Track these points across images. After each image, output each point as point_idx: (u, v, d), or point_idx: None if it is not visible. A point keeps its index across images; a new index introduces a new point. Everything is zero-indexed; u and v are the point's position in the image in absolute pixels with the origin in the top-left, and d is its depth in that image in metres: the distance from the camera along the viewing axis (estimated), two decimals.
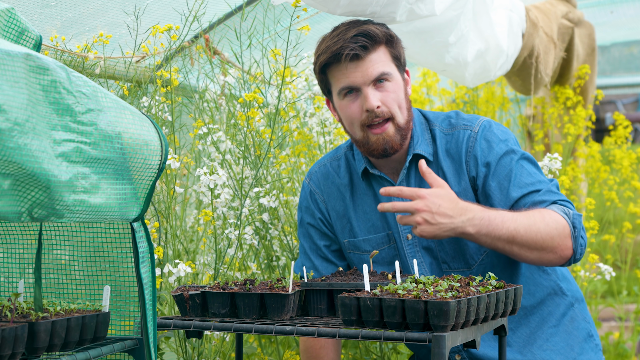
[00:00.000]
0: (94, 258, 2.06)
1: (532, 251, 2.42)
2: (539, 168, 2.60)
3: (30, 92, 1.49)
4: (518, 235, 2.39)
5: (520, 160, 2.57)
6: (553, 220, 2.43)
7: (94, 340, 1.90)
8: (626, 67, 8.86)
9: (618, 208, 5.71)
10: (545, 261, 2.47)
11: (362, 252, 2.68)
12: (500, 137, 2.59)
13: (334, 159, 2.77)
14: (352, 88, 2.52)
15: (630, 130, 5.44)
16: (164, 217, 2.95)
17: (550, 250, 2.43)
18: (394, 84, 2.54)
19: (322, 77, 2.60)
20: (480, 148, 2.57)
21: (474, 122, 2.63)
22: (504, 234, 2.38)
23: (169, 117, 3.01)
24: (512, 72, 4.62)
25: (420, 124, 2.65)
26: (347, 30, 2.53)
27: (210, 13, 3.25)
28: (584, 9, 5.61)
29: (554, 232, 2.42)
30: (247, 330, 2.14)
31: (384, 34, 2.53)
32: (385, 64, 2.53)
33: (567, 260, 2.47)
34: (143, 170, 1.81)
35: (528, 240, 2.40)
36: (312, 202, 2.76)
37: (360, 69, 2.50)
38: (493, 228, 2.37)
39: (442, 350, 1.87)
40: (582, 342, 2.70)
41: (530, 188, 2.52)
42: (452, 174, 2.58)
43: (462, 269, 2.59)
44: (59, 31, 3.05)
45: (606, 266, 3.98)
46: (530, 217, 2.42)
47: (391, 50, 2.55)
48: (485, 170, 2.56)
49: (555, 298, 2.69)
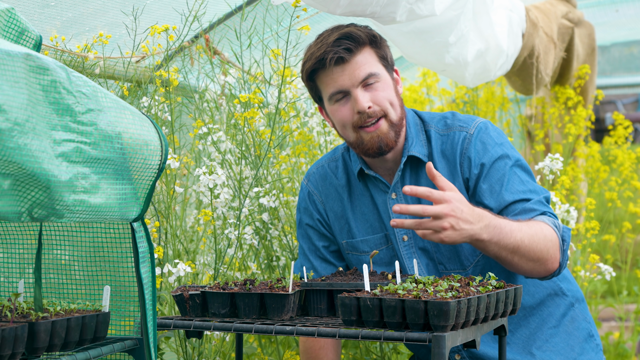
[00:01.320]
0: (94, 258, 2.06)
1: (529, 262, 2.41)
2: (531, 175, 2.59)
3: (30, 92, 1.49)
4: (522, 246, 2.37)
5: (514, 166, 2.55)
6: (549, 232, 2.43)
7: (94, 340, 1.90)
8: (626, 67, 8.86)
9: (618, 208, 5.71)
10: (535, 273, 2.46)
11: (360, 252, 2.69)
12: (496, 140, 2.58)
13: (331, 160, 2.77)
14: (341, 92, 2.52)
15: (630, 130, 5.44)
16: (164, 217, 2.95)
17: (544, 262, 2.43)
18: (383, 83, 2.53)
19: (311, 85, 2.60)
20: (475, 149, 2.56)
21: (470, 123, 2.62)
22: (511, 243, 2.36)
23: (169, 117, 3.01)
24: (512, 72, 4.62)
25: (415, 125, 2.64)
26: (329, 35, 2.52)
27: (210, 13, 3.25)
28: (584, 9, 5.61)
29: (549, 244, 2.42)
30: (247, 330, 2.14)
31: (367, 35, 2.52)
32: (372, 64, 2.52)
33: (551, 273, 2.47)
34: (143, 170, 1.81)
35: (529, 251, 2.38)
36: (310, 203, 2.76)
37: (346, 71, 2.49)
38: (502, 236, 2.35)
39: (442, 350, 1.87)
40: (583, 342, 2.70)
41: (522, 195, 2.51)
42: (447, 175, 2.58)
43: (457, 270, 2.59)
44: (59, 31, 3.05)
45: (606, 266, 3.97)
46: (532, 228, 2.41)
47: (377, 51, 2.54)
48: (477, 172, 2.55)
49: (555, 298, 2.69)
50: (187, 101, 3.37)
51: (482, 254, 2.56)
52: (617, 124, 5.42)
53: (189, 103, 3.37)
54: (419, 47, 3.38)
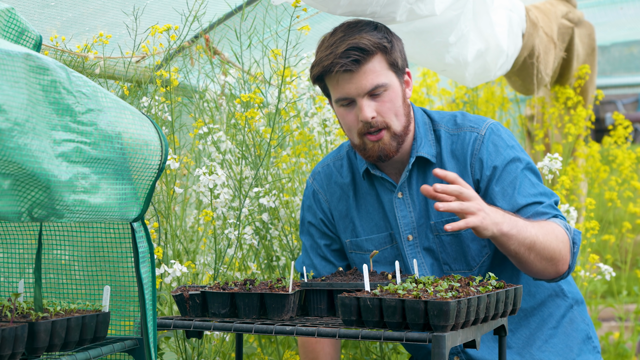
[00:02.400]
0: (94, 258, 2.06)
1: (543, 261, 2.43)
2: (540, 178, 2.61)
3: (30, 92, 1.49)
4: (538, 242, 2.39)
5: (525, 169, 2.57)
6: (560, 233, 2.46)
7: (94, 340, 1.90)
8: (626, 67, 8.86)
9: (618, 208, 5.71)
10: (546, 274, 2.48)
11: (364, 251, 2.69)
12: (508, 143, 2.60)
13: (337, 159, 2.77)
14: (347, 98, 2.52)
15: (630, 130, 5.44)
16: (163, 217, 2.95)
17: (556, 262, 2.46)
18: (391, 92, 2.51)
19: (321, 84, 2.59)
20: (487, 151, 2.57)
21: (480, 124, 2.62)
22: (528, 237, 2.38)
23: (169, 117, 3.00)
24: (512, 72, 4.62)
25: (424, 124, 2.64)
26: (340, 42, 2.49)
27: (210, 13, 3.25)
28: (584, 9, 5.61)
29: (561, 245, 2.45)
30: (247, 330, 2.14)
31: (377, 45, 2.49)
32: (380, 74, 2.49)
33: (560, 275, 2.50)
34: (143, 170, 1.81)
35: (544, 248, 2.41)
36: (314, 201, 2.76)
37: (353, 80, 2.48)
38: (520, 229, 2.37)
39: (442, 351, 1.87)
40: (581, 343, 2.70)
41: (534, 199, 2.53)
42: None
43: (463, 270, 2.59)
44: (59, 31, 3.05)
45: (606, 266, 3.97)
46: (544, 227, 2.44)
47: (387, 58, 2.51)
48: (489, 174, 2.55)
49: (556, 299, 2.69)
50: (188, 101, 3.37)
51: (488, 254, 2.57)
52: (617, 124, 5.42)
53: (189, 103, 3.37)
54: (419, 47, 3.38)
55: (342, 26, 2.56)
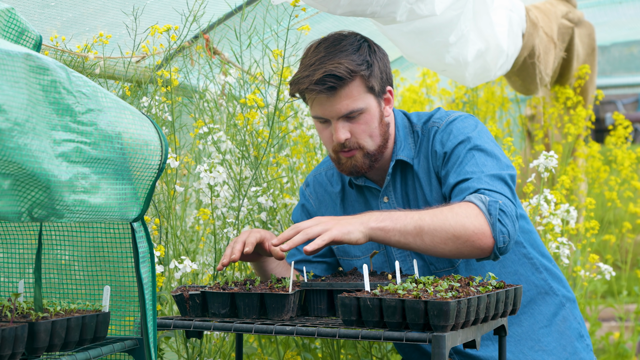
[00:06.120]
0: (94, 258, 2.06)
1: (447, 242, 2.31)
2: (496, 159, 2.49)
3: (30, 92, 1.49)
4: (425, 225, 2.29)
5: (473, 149, 2.49)
6: (462, 209, 2.33)
7: (94, 340, 1.90)
8: (626, 67, 8.87)
9: (618, 208, 5.71)
10: (466, 253, 2.35)
11: (351, 257, 2.71)
12: (462, 130, 2.54)
13: (328, 168, 2.81)
14: (322, 118, 2.53)
15: (630, 130, 5.44)
16: (164, 217, 2.95)
17: (466, 239, 2.31)
18: (367, 114, 2.51)
19: (300, 96, 2.60)
20: (441, 142, 2.55)
21: (444, 118, 2.60)
22: (409, 224, 2.29)
23: (169, 117, 3.00)
24: (512, 72, 4.62)
25: (404, 128, 2.65)
26: (319, 64, 2.47)
27: (210, 13, 3.25)
28: (584, 9, 5.61)
29: (464, 220, 2.31)
30: (247, 330, 2.14)
31: (353, 72, 2.46)
32: (357, 99, 2.48)
33: (490, 251, 2.34)
34: (143, 170, 1.81)
35: (437, 229, 2.29)
36: (303, 213, 2.81)
37: (329, 103, 2.48)
38: (395, 219, 2.30)
39: (442, 351, 1.87)
40: (574, 342, 2.70)
41: (463, 176, 2.45)
42: (424, 175, 2.59)
43: (446, 267, 2.60)
44: (59, 31, 3.04)
45: (606, 266, 3.97)
46: (435, 209, 2.35)
47: (365, 82, 2.49)
48: (441, 162, 2.54)
49: (545, 297, 2.69)
50: (188, 101, 3.36)
51: None
52: (617, 124, 5.42)
53: (189, 103, 3.37)
54: (419, 47, 3.38)
55: (327, 41, 2.53)
